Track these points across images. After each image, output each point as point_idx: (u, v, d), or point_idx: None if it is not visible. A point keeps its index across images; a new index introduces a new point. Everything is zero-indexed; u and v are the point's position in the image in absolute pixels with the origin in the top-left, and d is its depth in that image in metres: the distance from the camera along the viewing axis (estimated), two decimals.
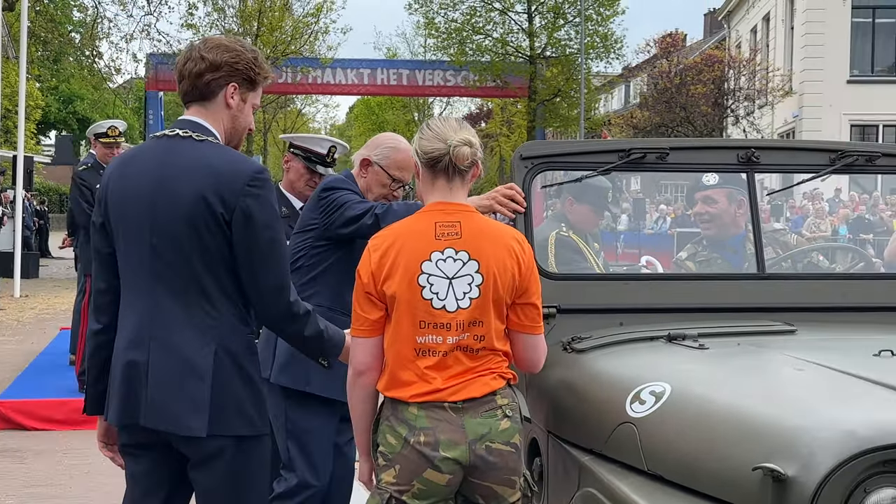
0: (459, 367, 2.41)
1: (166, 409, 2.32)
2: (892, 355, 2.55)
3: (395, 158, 3.37)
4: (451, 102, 56.35)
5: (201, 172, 2.35)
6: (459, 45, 32.95)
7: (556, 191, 3.36)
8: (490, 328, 2.43)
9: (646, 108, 28.29)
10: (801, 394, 2.31)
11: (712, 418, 2.26)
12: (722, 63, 27.18)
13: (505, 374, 2.48)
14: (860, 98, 25.00)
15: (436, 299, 2.41)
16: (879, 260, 3.44)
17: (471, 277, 2.41)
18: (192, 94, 2.47)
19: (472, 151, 2.45)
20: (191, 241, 2.34)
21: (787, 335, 2.92)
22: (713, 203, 3.34)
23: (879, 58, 26.04)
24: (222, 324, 2.35)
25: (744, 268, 3.27)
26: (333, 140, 4.23)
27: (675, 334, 2.83)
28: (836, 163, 3.31)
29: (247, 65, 2.47)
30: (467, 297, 2.41)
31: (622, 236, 3.52)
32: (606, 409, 2.57)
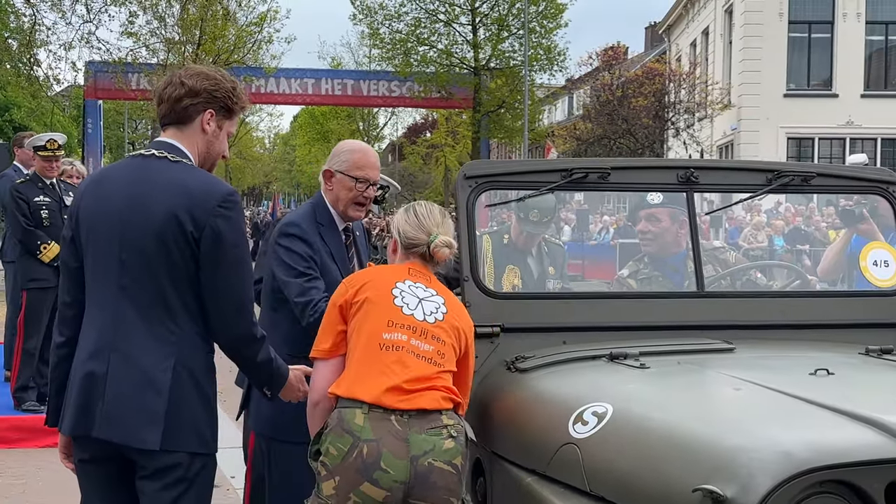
0: (418, 372, 2.51)
1: (121, 421, 2.35)
2: (828, 374, 2.61)
3: (352, 160, 3.33)
4: (396, 113, 56.46)
5: (174, 191, 2.42)
6: (404, 55, 33.01)
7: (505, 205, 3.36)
8: (448, 353, 2.58)
9: (588, 120, 28.61)
10: (739, 414, 2.35)
11: (653, 439, 2.28)
12: (662, 76, 27.64)
13: (455, 399, 2.55)
14: (796, 111, 25.63)
15: (406, 307, 2.60)
16: (815, 277, 3.51)
17: (437, 305, 2.63)
18: (170, 117, 2.55)
19: (452, 252, 2.70)
20: (159, 257, 2.40)
21: (725, 353, 2.97)
22: (656, 222, 3.38)
23: (815, 72, 26.72)
24: (183, 340, 2.40)
25: (684, 286, 3.31)
26: (388, 180, 4.13)
27: (617, 353, 2.86)
28: (772, 182, 3.38)
29: (225, 94, 2.56)
30: (434, 315, 2.60)
31: (567, 248, 3.53)
32: (549, 430, 2.58)
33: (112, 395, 2.36)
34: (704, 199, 3.45)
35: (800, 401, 2.36)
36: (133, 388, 2.36)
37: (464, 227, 3.15)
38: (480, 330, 3.06)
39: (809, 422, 2.23)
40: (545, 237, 3.34)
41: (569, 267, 3.37)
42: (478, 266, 3.13)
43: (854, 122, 25.69)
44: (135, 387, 2.36)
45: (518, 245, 3.32)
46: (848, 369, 2.84)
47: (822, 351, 3.09)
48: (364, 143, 3.51)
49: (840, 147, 26.47)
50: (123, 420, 2.35)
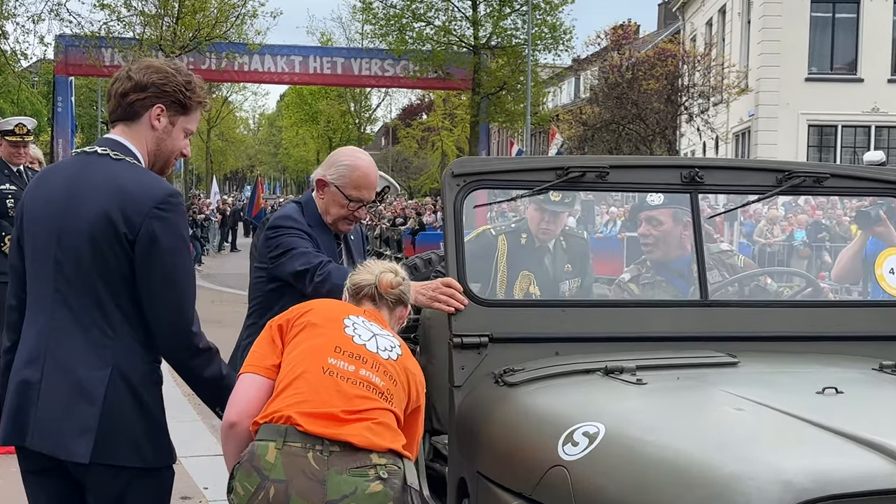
0: (360, 404, 2.40)
1: (51, 431, 2.37)
2: (836, 393, 2.61)
3: (351, 178, 3.34)
4: (389, 93, 56.40)
5: (108, 191, 2.43)
6: (399, 32, 32.93)
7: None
8: (398, 395, 2.51)
9: (596, 104, 28.58)
10: (739, 438, 2.35)
11: (646, 463, 2.29)
12: (676, 57, 27.60)
13: (394, 441, 2.42)
14: (818, 97, 25.63)
15: (357, 337, 2.53)
16: (828, 285, 3.51)
17: (392, 344, 2.59)
18: (117, 113, 2.56)
19: (396, 280, 2.70)
20: (93, 260, 2.40)
21: (728, 368, 2.97)
22: (658, 225, 3.36)
23: (839, 55, 26.70)
24: (120, 348, 2.39)
25: (689, 292, 3.31)
26: (389, 180, 4.08)
27: (613, 367, 2.86)
28: (782, 184, 3.38)
29: (176, 88, 2.55)
30: (388, 353, 2.55)
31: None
32: (538, 451, 2.58)
33: (44, 404, 2.38)
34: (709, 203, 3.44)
35: (804, 423, 2.36)
36: (65, 397, 2.37)
37: (450, 229, 3.15)
38: (467, 340, 3.07)
39: (813, 447, 2.23)
40: (566, 228, 3.33)
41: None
42: (465, 277, 3.13)
43: (880, 108, 25.68)
44: (67, 396, 2.37)
45: (538, 239, 3.30)
46: (859, 387, 2.84)
47: (833, 366, 3.09)
48: (366, 158, 3.45)
49: (865, 136, 26.48)
50: (53, 430, 2.37)
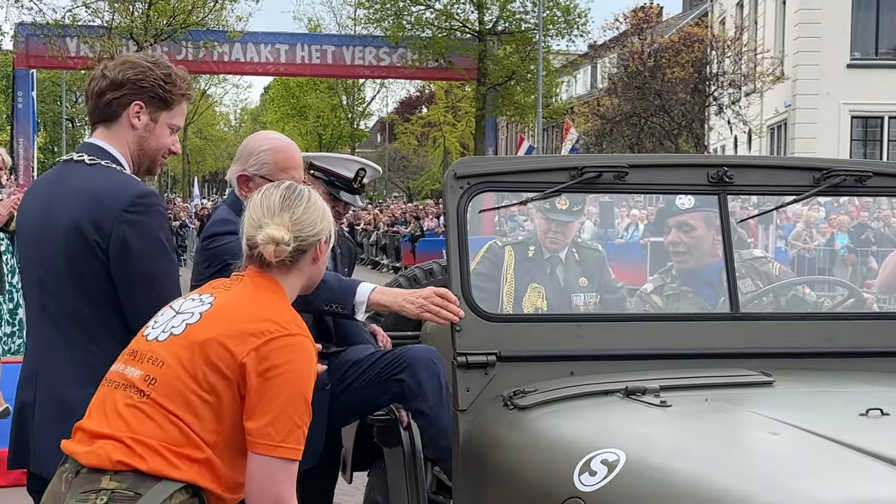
0: (110, 414, 2.25)
1: (43, 452, 2.48)
2: (882, 415, 2.62)
3: (275, 161, 3.41)
4: (385, 85, 56.56)
5: (79, 198, 2.52)
6: (395, 16, 33.09)
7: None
8: (170, 377, 2.24)
9: (615, 95, 28.65)
10: (774, 465, 2.36)
11: (672, 494, 2.30)
12: (703, 43, 27.66)
13: (133, 461, 2.20)
14: (862, 85, 25.65)
15: (151, 331, 2.37)
16: (871, 296, 3.52)
17: (191, 314, 2.34)
18: (96, 115, 2.65)
19: (280, 250, 2.39)
20: (69, 273, 2.51)
21: (762, 387, 2.98)
22: (690, 231, 3.36)
23: (884, 38, 26.74)
24: (105, 362, 2.43)
25: (719, 304, 3.32)
26: (363, 162, 4.13)
27: (634, 388, 2.87)
28: (820, 183, 3.39)
29: (155, 82, 2.61)
30: (174, 330, 2.32)
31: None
32: (551, 481, 2.59)
33: (37, 425, 2.52)
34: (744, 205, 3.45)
35: (846, 448, 2.37)
36: (54, 418, 2.49)
37: (454, 236, 3.17)
38: (473, 359, 3.08)
39: (856, 474, 2.24)
40: (577, 240, 3.34)
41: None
42: (469, 282, 3.15)
43: None
44: (55, 417, 2.48)
45: (547, 250, 3.32)
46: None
47: (878, 385, 3.10)
48: (283, 137, 3.53)
49: None
50: (44, 452, 2.47)
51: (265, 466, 2.22)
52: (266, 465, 2.22)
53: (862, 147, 26.46)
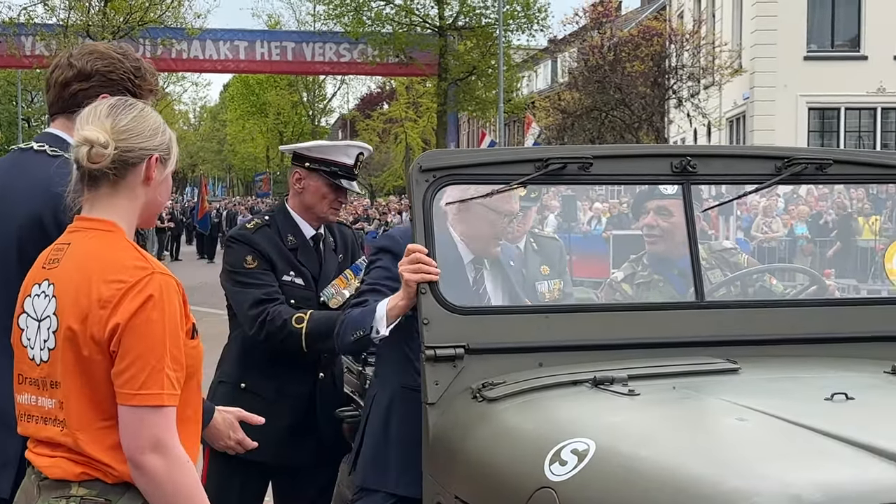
0: (52, 443, 2.19)
1: None
2: (847, 399, 2.65)
3: None
4: (346, 81, 56.38)
5: (39, 191, 2.39)
6: (355, 12, 32.99)
7: None
8: (70, 393, 2.16)
9: (575, 89, 28.77)
10: (742, 450, 2.39)
11: (642, 481, 2.31)
12: (662, 36, 27.84)
13: (96, 466, 2.16)
14: (819, 77, 25.95)
15: (29, 346, 2.25)
16: (834, 283, 3.56)
17: (50, 321, 2.20)
18: (58, 105, 2.54)
19: (96, 153, 2.17)
20: (20, 270, 2.34)
21: (728, 375, 3.01)
22: (668, 216, 3.38)
23: (840, 31, 27.06)
24: None
25: (688, 293, 3.35)
26: (359, 145, 3.98)
27: (602, 378, 2.89)
28: (782, 171, 3.43)
29: (124, 75, 2.53)
30: (47, 346, 2.20)
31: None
32: (522, 472, 2.60)
33: None
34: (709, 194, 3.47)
35: (813, 432, 2.40)
36: (1, 430, 2.39)
37: (420, 229, 3.17)
38: (441, 352, 3.08)
39: (823, 458, 2.27)
40: (534, 230, 3.35)
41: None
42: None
43: (886, 88, 26.04)
44: (1, 429, 2.39)
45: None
46: (871, 392, 2.89)
47: (842, 370, 3.14)
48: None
49: (870, 118, 26.87)
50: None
51: (132, 414, 2.12)
52: (132, 413, 2.12)
53: (819, 138, 26.77)
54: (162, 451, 2.11)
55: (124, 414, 2.12)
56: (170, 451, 2.12)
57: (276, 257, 3.79)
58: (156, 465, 2.10)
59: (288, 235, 3.84)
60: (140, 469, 2.11)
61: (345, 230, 4.14)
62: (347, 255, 4.05)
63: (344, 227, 4.16)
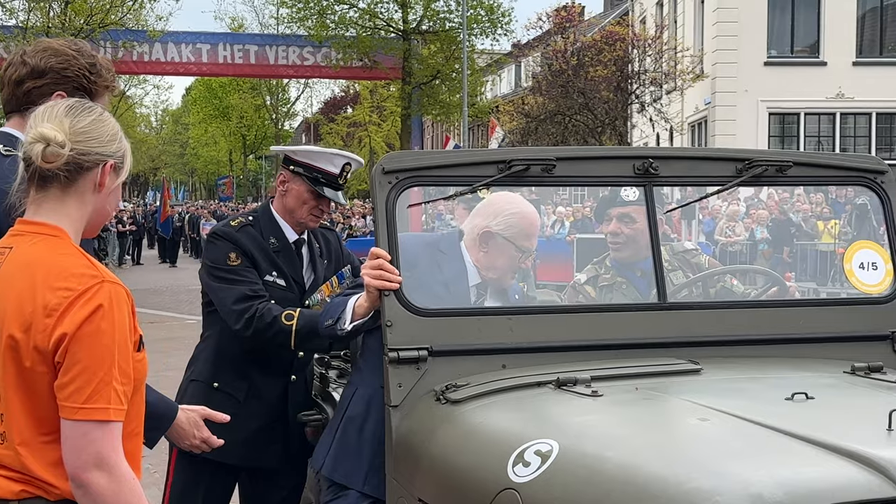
0: None
1: None
2: (807, 399, 2.68)
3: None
4: (309, 84, 56.27)
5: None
6: (318, 16, 32.91)
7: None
8: (12, 406, 2.07)
9: (539, 93, 28.89)
10: (704, 450, 2.40)
11: (605, 481, 2.32)
12: (624, 42, 28.03)
13: (37, 484, 2.08)
14: (779, 83, 26.23)
15: None
16: (795, 284, 3.59)
17: None
18: (12, 103, 2.51)
19: (51, 152, 2.10)
20: None
21: (691, 375, 3.03)
22: (631, 223, 3.40)
23: (799, 36, 27.36)
24: None
25: (650, 295, 3.36)
26: (348, 155, 3.89)
27: (566, 379, 2.89)
28: (743, 174, 3.45)
29: (79, 72, 2.50)
30: None
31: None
32: (485, 473, 2.60)
33: None
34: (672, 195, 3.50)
35: (774, 432, 2.42)
36: None
37: (383, 231, 3.16)
38: (404, 354, 3.07)
39: (784, 457, 2.28)
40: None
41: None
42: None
43: (845, 94, 26.37)
44: None
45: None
46: (830, 392, 2.92)
47: (802, 370, 3.17)
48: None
49: (829, 123, 27.18)
50: None
51: (75, 429, 2.03)
52: (76, 428, 2.03)
53: (779, 143, 27.04)
54: (106, 468, 2.03)
55: (67, 429, 2.03)
56: (114, 469, 2.04)
57: (259, 256, 3.75)
58: (99, 484, 2.03)
59: (270, 238, 3.81)
60: (83, 487, 2.03)
61: (329, 235, 4.10)
62: (332, 260, 4.01)
63: (329, 232, 4.11)
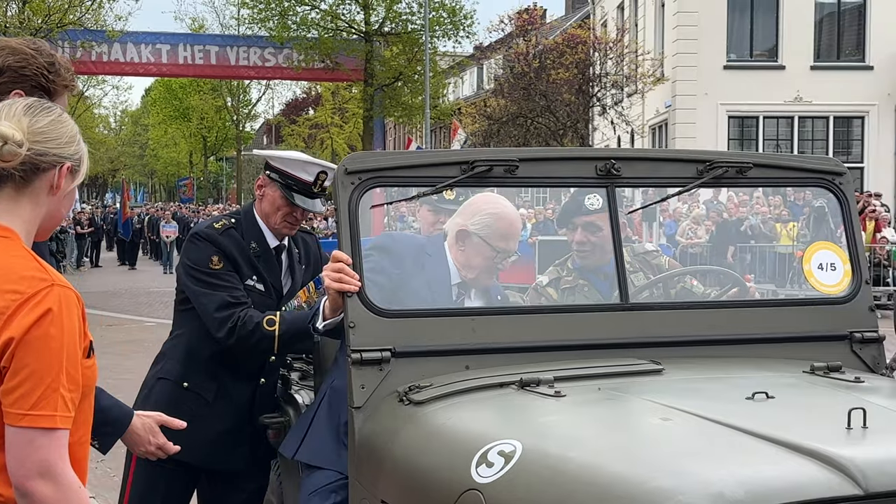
0: None
1: None
2: (767, 398, 2.70)
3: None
4: (271, 86, 55.99)
5: None
6: (280, 17, 32.79)
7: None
8: None
9: (501, 96, 28.99)
10: (665, 449, 2.41)
11: (568, 481, 2.33)
12: (586, 45, 28.18)
13: None
14: (738, 86, 26.47)
15: None
16: (755, 285, 3.63)
17: None
18: None
19: (8, 151, 2.06)
20: None
21: (652, 375, 3.04)
22: (597, 231, 3.41)
23: (758, 41, 27.64)
24: None
25: (612, 296, 3.38)
26: (325, 164, 3.79)
27: (528, 380, 2.90)
28: (703, 175, 3.48)
29: (38, 70, 2.46)
30: None
31: None
32: (449, 474, 2.60)
33: None
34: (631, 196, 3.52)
35: (735, 431, 2.44)
36: None
37: (346, 232, 3.15)
38: (367, 355, 3.06)
39: (745, 456, 2.30)
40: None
41: None
42: (363, 279, 3.13)
43: (803, 97, 26.67)
44: None
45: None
46: (790, 391, 2.95)
47: (762, 370, 3.20)
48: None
49: (788, 127, 27.48)
50: None
51: (20, 436, 1.97)
52: (21, 435, 1.97)
53: (738, 146, 27.30)
54: (51, 477, 1.97)
55: (12, 436, 1.97)
56: (60, 478, 1.98)
57: (240, 260, 3.72)
58: (44, 493, 1.96)
59: (251, 242, 3.76)
60: (27, 496, 1.97)
61: (308, 239, 4.07)
62: (311, 265, 3.98)
63: (308, 236, 4.07)
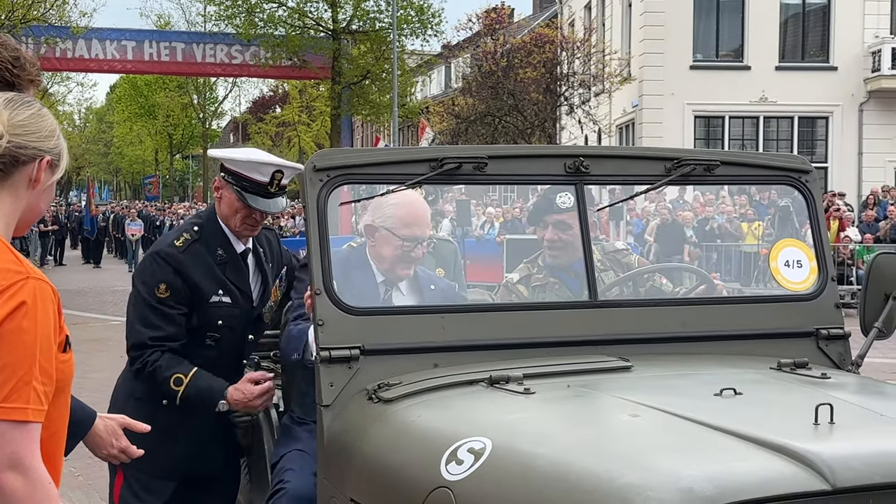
0: None
1: None
2: (735, 394, 2.72)
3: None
4: (238, 83, 55.71)
5: None
6: (247, 14, 32.62)
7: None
8: None
9: (469, 95, 29.02)
10: (635, 446, 2.42)
11: (538, 478, 2.33)
12: (553, 44, 28.26)
13: None
14: (704, 86, 26.65)
15: None
16: (721, 283, 3.65)
17: None
18: None
19: None
20: None
21: (621, 372, 3.06)
22: (567, 229, 3.41)
23: (724, 41, 27.84)
24: None
25: (582, 294, 3.38)
26: (280, 163, 3.69)
27: (498, 377, 2.90)
28: (671, 172, 3.49)
29: (2, 65, 2.43)
30: None
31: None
32: (418, 472, 2.60)
33: None
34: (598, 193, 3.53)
35: (703, 427, 2.45)
36: None
37: (314, 230, 3.13)
38: (336, 353, 3.05)
39: (713, 452, 2.32)
40: (431, 232, 3.35)
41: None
42: (331, 276, 3.12)
43: (768, 97, 26.90)
44: None
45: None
46: (757, 388, 2.97)
47: (730, 367, 3.22)
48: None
49: (753, 126, 27.70)
50: None
51: None
52: None
53: (705, 145, 27.47)
54: (22, 470, 1.95)
55: None
56: (30, 472, 1.96)
57: (202, 279, 3.65)
58: (13, 486, 1.94)
59: (218, 249, 3.71)
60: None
61: (270, 235, 4.02)
62: (275, 262, 3.94)
63: (269, 232, 4.03)
